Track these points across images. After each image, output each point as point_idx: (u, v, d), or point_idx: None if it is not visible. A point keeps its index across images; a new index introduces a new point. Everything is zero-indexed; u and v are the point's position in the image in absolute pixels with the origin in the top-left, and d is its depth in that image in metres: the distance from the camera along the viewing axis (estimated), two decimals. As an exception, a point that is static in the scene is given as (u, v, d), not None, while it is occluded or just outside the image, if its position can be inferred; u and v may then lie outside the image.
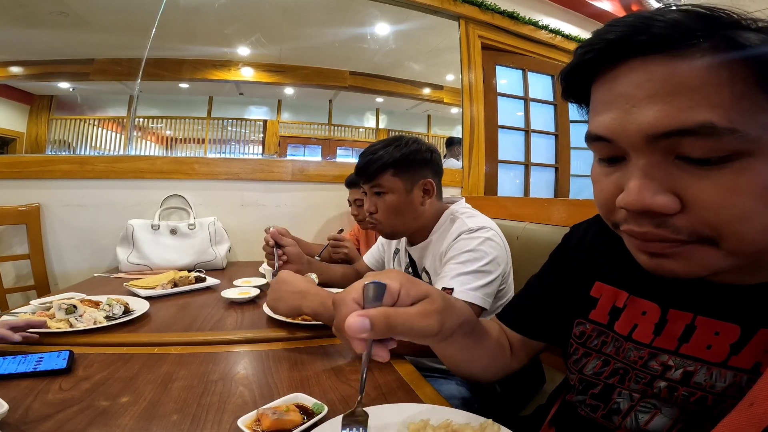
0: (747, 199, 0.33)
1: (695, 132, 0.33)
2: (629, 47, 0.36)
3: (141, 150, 3.66)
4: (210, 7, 2.58)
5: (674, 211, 0.35)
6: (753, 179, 0.33)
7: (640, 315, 0.48)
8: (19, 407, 0.54)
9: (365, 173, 1.08)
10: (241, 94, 3.78)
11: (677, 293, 0.45)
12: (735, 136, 0.32)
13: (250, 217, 1.97)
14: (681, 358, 0.43)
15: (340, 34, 3.01)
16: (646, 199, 0.35)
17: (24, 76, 2.89)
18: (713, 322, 0.42)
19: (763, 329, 0.38)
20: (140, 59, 2.31)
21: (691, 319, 0.43)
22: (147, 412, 0.54)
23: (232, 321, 0.96)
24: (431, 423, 0.48)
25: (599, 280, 0.54)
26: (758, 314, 0.39)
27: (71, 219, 1.76)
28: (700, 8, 0.35)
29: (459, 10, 2.53)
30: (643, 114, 0.35)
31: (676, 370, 0.43)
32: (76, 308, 0.86)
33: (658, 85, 0.34)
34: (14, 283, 1.72)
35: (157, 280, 1.23)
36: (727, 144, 0.32)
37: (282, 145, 4.08)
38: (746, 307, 0.40)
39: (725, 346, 0.40)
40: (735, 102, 0.32)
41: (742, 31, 0.33)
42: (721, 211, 0.34)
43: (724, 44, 0.33)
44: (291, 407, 0.53)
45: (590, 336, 0.53)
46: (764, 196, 0.33)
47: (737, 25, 0.34)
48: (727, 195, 0.33)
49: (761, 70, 0.32)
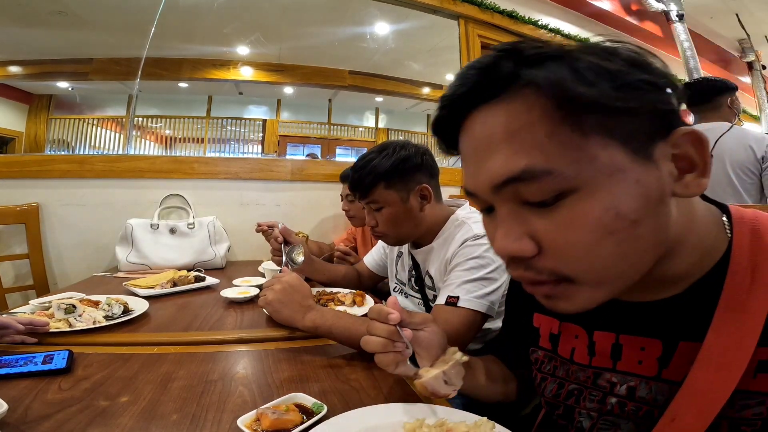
0: (584, 234, 0.33)
1: (521, 178, 0.34)
2: (464, 101, 0.37)
3: (140, 149, 3.65)
4: (209, 6, 2.58)
5: (533, 253, 0.35)
6: (584, 214, 0.33)
7: (573, 338, 0.50)
8: (18, 407, 0.54)
9: (358, 190, 1.06)
10: (241, 93, 3.77)
11: (598, 315, 0.45)
12: (552, 177, 0.33)
13: (249, 216, 1.97)
14: (621, 374, 0.44)
15: (339, 34, 3.00)
16: (507, 246, 0.36)
17: (23, 76, 2.89)
18: (636, 339, 0.43)
19: (682, 342, 0.39)
20: (139, 59, 2.31)
21: (615, 338, 0.45)
22: (146, 411, 0.54)
23: (232, 320, 0.96)
24: (427, 422, 0.48)
25: (536, 311, 0.57)
26: (675, 328, 0.40)
27: (70, 218, 1.76)
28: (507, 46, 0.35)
29: (458, 10, 2.53)
30: (486, 166, 0.36)
31: (621, 386, 0.44)
32: (76, 308, 0.86)
33: (491, 135, 0.35)
34: (13, 282, 1.72)
35: (157, 279, 1.23)
36: (550, 185, 0.33)
37: (281, 144, 4.08)
38: (663, 322, 0.41)
39: (653, 361, 0.41)
40: (547, 143, 0.33)
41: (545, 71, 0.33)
42: (567, 249, 0.34)
43: (524, 84, 0.34)
44: (290, 407, 0.53)
45: (543, 362, 0.55)
46: (599, 226, 0.33)
47: (532, 60, 0.34)
48: (566, 232, 0.34)
49: (559, 105, 0.32)
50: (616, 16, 3.48)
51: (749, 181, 1.61)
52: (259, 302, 0.91)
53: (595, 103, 0.32)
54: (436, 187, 1.09)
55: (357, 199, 1.10)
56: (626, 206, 0.33)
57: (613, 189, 0.33)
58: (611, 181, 0.33)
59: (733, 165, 1.62)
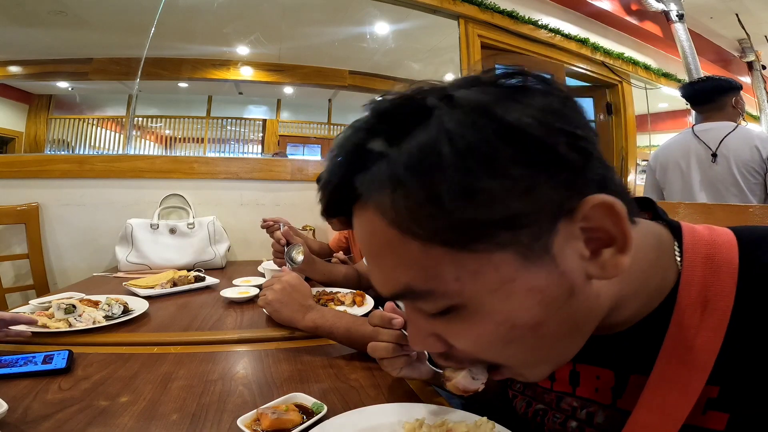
0: (483, 345, 0.32)
1: (404, 295, 0.32)
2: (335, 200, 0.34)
3: (140, 149, 3.65)
4: (209, 6, 2.58)
5: (443, 350, 0.35)
6: (477, 329, 0.31)
7: None
8: (18, 407, 0.54)
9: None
10: (241, 93, 3.77)
11: None
12: (434, 296, 0.30)
13: (249, 216, 1.97)
14: (580, 399, 0.44)
15: (339, 34, 3.00)
16: (417, 344, 0.36)
17: (23, 76, 2.89)
18: (592, 368, 0.42)
19: (633, 375, 0.38)
20: (139, 58, 2.31)
21: (572, 365, 0.45)
22: (146, 411, 0.54)
23: (232, 320, 0.96)
24: (426, 422, 0.48)
25: None
26: (625, 360, 0.39)
27: (70, 218, 1.76)
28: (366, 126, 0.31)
29: (458, 10, 2.53)
30: (375, 275, 0.34)
31: (581, 410, 0.44)
32: (75, 308, 0.86)
33: (367, 244, 0.33)
34: (13, 282, 1.72)
35: (156, 279, 1.23)
36: (436, 303, 0.31)
37: (281, 144, 4.08)
38: (614, 354, 0.40)
39: (608, 390, 0.41)
40: (423, 259, 0.29)
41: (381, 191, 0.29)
42: (472, 350, 0.33)
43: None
44: (290, 407, 0.53)
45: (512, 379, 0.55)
46: (495, 339, 0.32)
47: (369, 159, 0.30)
48: (466, 341, 0.33)
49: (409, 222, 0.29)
50: (616, 16, 3.48)
51: (754, 180, 1.61)
52: (258, 302, 0.91)
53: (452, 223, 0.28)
54: None
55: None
56: (521, 318, 0.30)
57: (503, 304, 0.30)
58: (499, 296, 0.30)
59: (738, 165, 1.62)
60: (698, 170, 1.72)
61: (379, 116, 0.31)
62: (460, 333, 0.33)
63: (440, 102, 0.29)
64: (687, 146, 1.76)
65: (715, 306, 0.33)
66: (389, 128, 0.30)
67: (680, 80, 3.94)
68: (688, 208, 1.02)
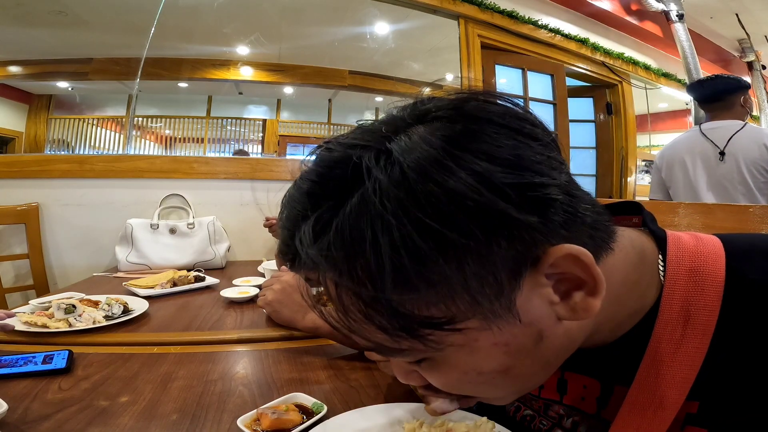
0: (455, 385, 0.33)
1: (377, 350, 0.32)
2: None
3: (140, 149, 3.65)
4: (209, 6, 2.58)
5: (425, 383, 0.36)
6: (447, 375, 0.32)
7: None
8: (18, 407, 0.54)
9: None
10: (241, 93, 3.77)
11: None
12: (404, 353, 0.31)
13: (249, 216, 1.97)
14: (566, 407, 0.44)
15: (339, 34, 3.00)
16: (401, 378, 0.37)
17: (23, 76, 2.89)
18: (579, 377, 0.42)
19: (617, 386, 0.38)
20: (139, 58, 2.31)
21: (560, 374, 0.44)
22: (146, 411, 0.54)
23: (232, 320, 0.96)
24: (426, 422, 0.48)
25: None
26: (610, 371, 0.39)
27: (70, 218, 1.76)
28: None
29: (458, 9, 2.52)
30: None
31: (567, 418, 0.44)
32: (75, 308, 0.86)
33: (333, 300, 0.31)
34: (13, 282, 1.72)
35: (156, 279, 1.23)
36: (406, 358, 0.33)
37: (281, 144, 4.08)
38: (601, 364, 0.40)
39: (593, 399, 0.41)
40: (386, 324, 0.29)
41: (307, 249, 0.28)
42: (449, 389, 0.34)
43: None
44: (290, 407, 0.53)
45: None
46: (465, 382, 0.32)
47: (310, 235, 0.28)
48: (439, 382, 0.34)
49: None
50: (616, 16, 3.48)
51: (762, 179, 1.61)
52: (258, 302, 0.91)
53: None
54: None
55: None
56: (488, 367, 0.31)
57: (468, 357, 0.30)
58: (464, 351, 0.30)
59: (747, 163, 1.61)
60: (704, 169, 1.71)
61: (319, 177, 0.29)
62: (433, 376, 0.34)
63: (376, 165, 0.26)
64: (693, 145, 1.75)
65: (698, 321, 0.32)
66: (321, 202, 0.28)
67: (680, 80, 3.94)
68: (688, 208, 1.02)
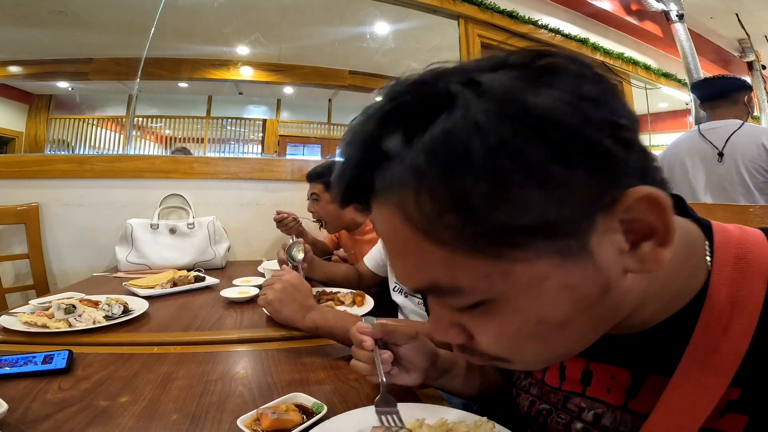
0: (506, 339, 0.32)
1: (431, 291, 0.32)
2: (353, 193, 0.32)
3: (140, 149, 3.65)
4: (209, 6, 2.58)
5: (464, 341, 0.34)
6: (503, 323, 0.31)
7: None
8: (18, 407, 0.54)
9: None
10: (241, 93, 3.77)
11: None
12: (462, 293, 0.30)
13: (249, 216, 1.97)
14: (589, 400, 0.44)
15: (339, 34, 3.00)
16: (438, 335, 0.35)
17: (23, 76, 2.89)
18: (606, 367, 0.42)
19: (651, 376, 0.38)
20: (139, 59, 2.31)
21: (586, 364, 0.44)
22: (146, 411, 0.54)
23: (232, 320, 0.96)
24: (426, 422, 0.48)
25: None
26: (644, 361, 0.38)
27: (70, 218, 1.76)
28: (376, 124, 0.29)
29: (458, 9, 2.52)
30: (398, 270, 0.33)
31: (588, 411, 0.43)
32: (75, 308, 0.86)
33: (390, 239, 0.32)
34: (13, 282, 1.72)
35: (156, 279, 1.23)
36: (463, 299, 0.30)
37: (281, 144, 4.08)
38: (632, 354, 0.39)
39: (622, 390, 0.40)
40: (450, 258, 0.28)
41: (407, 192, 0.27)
42: (494, 345, 0.33)
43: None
44: (290, 407, 0.53)
45: (519, 377, 0.55)
46: (520, 335, 0.31)
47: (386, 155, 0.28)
48: (490, 334, 0.32)
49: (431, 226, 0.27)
50: (616, 16, 3.48)
51: (762, 179, 1.60)
52: (258, 301, 0.90)
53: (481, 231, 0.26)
54: None
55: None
56: (551, 314, 0.30)
57: (534, 301, 0.29)
58: (531, 293, 0.29)
59: (746, 163, 1.61)
60: (703, 170, 1.70)
61: (396, 104, 0.28)
62: (485, 327, 0.32)
63: (465, 89, 0.26)
64: (692, 146, 1.75)
65: (744, 307, 0.32)
66: (406, 118, 0.27)
67: (680, 80, 3.94)
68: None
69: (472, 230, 0.26)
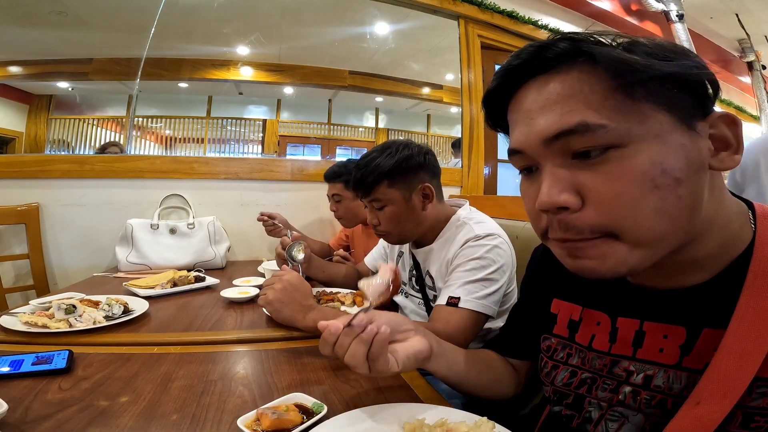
0: (630, 185, 0.37)
1: (575, 131, 0.38)
2: (526, 71, 0.42)
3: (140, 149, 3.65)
4: (209, 6, 2.58)
5: (577, 206, 0.39)
6: (631, 167, 0.37)
7: (595, 325, 0.51)
8: (18, 407, 0.54)
9: (361, 188, 1.06)
10: (241, 93, 3.77)
11: (624, 302, 0.48)
12: (606, 130, 0.37)
13: (249, 216, 1.97)
14: (639, 362, 0.45)
15: (339, 34, 3.00)
16: (553, 196, 0.39)
17: (23, 76, 2.89)
18: (660, 326, 0.44)
19: (706, 329, 0.41)
20: (139, 59, 2.31)
21: (639, 325, 0.46)
22: (146, 411, 0.54)
23: (232, 321, 0.96)
24: (427, 422, 0.48)
25: (556, 297, 0.58)
26: (699, 315, 0.41)
27: (70, 218, 1.76)
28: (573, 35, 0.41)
29: (458, 10, 2.52)
30: (539, 123, 0.40)
31: (637, 374, 0.45)
32: (76, 308, 0.86)
33: (546, 98, 0.40)
34: (13, 282, 1.72)
35: (157, 279, 1.23)
36: (601, 138, 0.37)
37: (281, 144, 4.08)
38: (687, 309, 0.42)
39: (675, 348, 0.42)
40: (601, 104, 0.38)
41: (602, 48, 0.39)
42: (612, 200, 0.37)
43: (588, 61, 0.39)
44: (291, 407, 0.53)
45: (556, 349, 0.56)
46: (644, 180, 0.37)
47: (599, 45, 0.39)
48: (613, 184, 0.37)
49: (616, 77, 0.38)
50: (616, 16, 3.48)
51: None
52: (259, 301, 0.91)
53: (646, 73, 0.36)
54: (437, 187, 1.09)
55: (360, 197, 1.10)
56: (671, 164, 0.37)
57: (660, 148, 0.37)
58: (658, 141, 0.37)
59: None
60: None
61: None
62: (609, 175, 0.38)
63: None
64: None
65: None
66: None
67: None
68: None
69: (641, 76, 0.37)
